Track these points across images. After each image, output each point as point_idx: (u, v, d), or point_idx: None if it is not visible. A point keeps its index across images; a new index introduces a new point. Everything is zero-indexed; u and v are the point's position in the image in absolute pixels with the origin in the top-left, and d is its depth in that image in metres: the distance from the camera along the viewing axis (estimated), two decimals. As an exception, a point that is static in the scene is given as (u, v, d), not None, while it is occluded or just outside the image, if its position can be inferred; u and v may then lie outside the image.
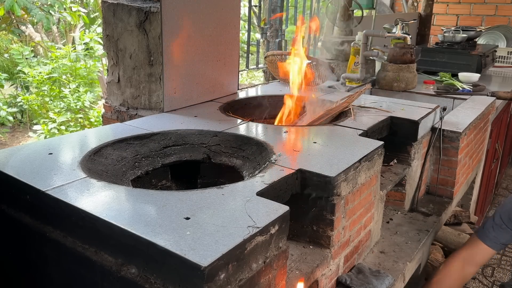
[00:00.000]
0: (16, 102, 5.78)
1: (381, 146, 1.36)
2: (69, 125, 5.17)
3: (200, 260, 0.73)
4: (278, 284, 0.92)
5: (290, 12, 4.37)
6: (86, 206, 0.90)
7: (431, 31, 4.31)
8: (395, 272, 1.37)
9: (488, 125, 2.44)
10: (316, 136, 1.43)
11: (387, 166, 1.67)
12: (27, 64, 5.52)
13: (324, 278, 1.18)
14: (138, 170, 1.27)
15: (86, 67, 5.66)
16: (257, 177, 1.08)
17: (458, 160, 1.88)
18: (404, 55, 2.51)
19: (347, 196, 1.19)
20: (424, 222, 1.71)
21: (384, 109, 1.77)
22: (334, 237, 1.18)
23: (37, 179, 1.02)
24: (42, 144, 1.26)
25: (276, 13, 2.79)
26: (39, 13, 5.03)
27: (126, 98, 1.78)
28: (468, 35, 3.30)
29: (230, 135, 1.41)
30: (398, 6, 4.79)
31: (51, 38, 7.03)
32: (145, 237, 0.79)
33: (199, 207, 0.91)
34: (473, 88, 2.61)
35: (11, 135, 5.99)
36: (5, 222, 1.09)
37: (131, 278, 0.83)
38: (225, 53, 1.92)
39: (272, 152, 1.24)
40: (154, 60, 1.65)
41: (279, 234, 0.89)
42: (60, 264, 0.99)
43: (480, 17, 4.44)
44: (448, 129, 1.86)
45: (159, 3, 1.58)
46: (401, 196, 1.75)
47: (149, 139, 1.37)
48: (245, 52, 2.90)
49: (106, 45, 1.79)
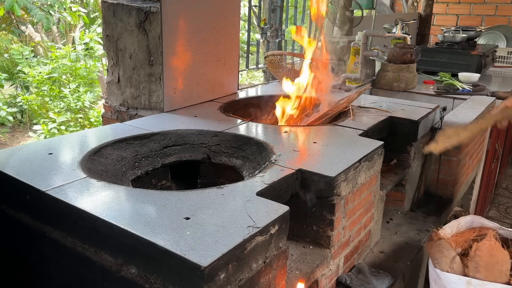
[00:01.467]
0: (16, 102, 5.78)
1: (381, 146, 1.36)
2: (69, 125, 5.17)
3: (200, 260, 0.73)
4: (278, 284, 0.92)
5: (290, 12, 4.36)
6: (86, 206, 0.90)
7: (431, 31, 4.30)
8: (395, 272, 1.37)
9: (488, 125, 2.44)
10: (316, 136, 1.43)
11: (387, 166, 1.67)
12: (27, 64, 5.52)
13: (324, 278, 1.18)
14: (138, 170, 1.27)
15: (86, 67, 5.66)
16: (257, 177, 1.07)
17: (458, 160, 1.88)
18: (404, 55, 2.51)
19: (347, 196, 1.19)
20: (424, 222, 1.71)
21: (384, 109, 1.77)
22: (334, 237, 1.18)
23: (37, 179, 1.02)
24: (42, 144, 1.26)
25: (276, 13, 2.79)
26: (39, 13, 5.03)
27: (126, 98, 1.78)
28: (468, 35, 3.30)
29: (230, 135, 1.41)
30: (398, 6, 4.79)
31: (51, 38, 7.03)
32: (145, 237, 0.79)
33: (199, 207, 0.91)
34: (473, 88, 2.60)
35: (11, 135, 5.99)
36: (5, 222, 1.09)
37: (131, 278, 0.83)
38: (225, 53, 1.92)
39: (272, 152, 1.24)
40: (154, 60, 1.65)
41: (279, 234, 0.89)
42: (60, 264, 0.99)
43: (480, 17, 4.44)
44: (448, 129, 1.86)
45: (159, 3, 1.58)
46: (401, 196, 1.75)
47: (149, 139, 1.37)
48: (245, 52, 2.90)
49: (106, 45, 1.79)
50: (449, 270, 1.18)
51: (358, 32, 2.58)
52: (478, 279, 1.15)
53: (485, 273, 1.15)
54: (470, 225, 1.39)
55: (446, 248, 1.20)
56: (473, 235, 1.29)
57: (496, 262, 1.15)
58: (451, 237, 1.31)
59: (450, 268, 1.18)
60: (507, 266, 1.15)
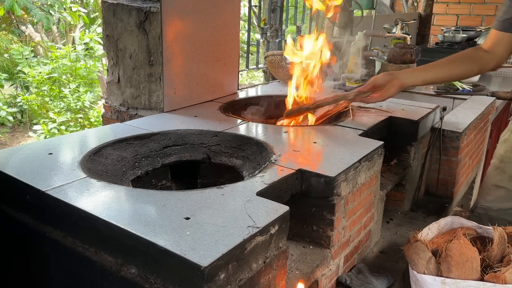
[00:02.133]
0: (16, 102, 5.79)
1: (381, 146, 1.36)
2: (69, 125, 5.18)
3: (200, 260, 0.73)
4: (278, 284, 0.92)
5: (290, 12, 4.37)
6: (86, 206, 0.90)
7: (431, 31, 4.30)
8: (395, 272, 1.37)
9: (488, 125, 2.44)
10: (316, 136, 1.43)
11: (387, 166, 1.67)
12: (27, 64, 5.52)
13: (324, 278, 1.18)
14: (138, 170, 1.27)
15: (86, 67, 5.67)
16: (257, 177, 1.08)
17: (458, 160, 1.88)
18: (404, 55, 2.51)
19: (347, 196, 1.19)
20: (424, 222, 1.71)
21: (384, 109, 1.77)
22: (334, 237, 1.18)
23: (37, 179, 1.02)
24: (42, 144, 1.26)
25: (276, 13, 2.79)
26: (39, 13, 5.03)
27: (126, 98, 1.78)
28: (468, 35, 3.30)
29: (230, 135, 1.41)
30: (398, 6, 4.79)
31: (51, 38, 7.03)
32: (145, 237, 0.79)
33: (199, 207, 0.91)
34: (473, 88, 2.60)
35: (11, 135, 5.99)
36: (5, 222, 1.09)
37: (131, 278, 0.83)
38: (225, 53, 1.93)
39: (272, 152, 1.24)
40: (154, 60, 1.65)
41: (279, 234, 0.89)
42: (60, 264, 0.99)
43: (480, 17, 4.44)
44: (448, 129, 1.86)
45: (159, 3, 1.59)
46: (401, 196, 1.75)
47: (149, 139, 1.37)
48: (245, 52, 2.90)
49: (106, 45, 1.79)
50: (426, 272, 1.19)
51: (358, 32, 2.59)
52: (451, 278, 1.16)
53: (457, 272, 1.16)
54: (450, 226, 1.39)
55: (422, 249, 1.21)
56: (453, 235, 1.30)
57: (466, 260, 1.16)
58: (431, 239, 1.31)
59: (426, 269, 1.19)
60: (477, 262, 1.16)
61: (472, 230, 1.37)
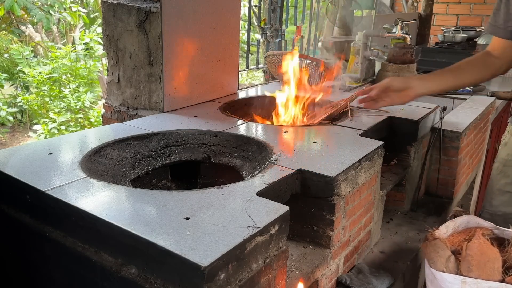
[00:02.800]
0: (16, 102, 5.79)
1: (381, 146, 1.36)
2: (69, 125, 5.18)
3: (200, 260, 0.73)
4: (278, 284, 0.92)
5: (290, 12, 4.37)
6: (86, 206, 0.90)
7: (431, 31, 4.30)
8: (395, 272, 1.37)
9: (488, 125, 2.44)
10: (316, 136, 1.43)
11: (387, 166, 1.67)
12: (27, 64, 5.52)
13: (324, 278, 1.18)
14: (138, 170, 1.27)
15: (86, 67, 5.67)
16: (257, 177, 1.08)
17: (458, 160, 1.88)
18: (404, 55, 2.51)
19: (347, 196, 1.19)
20: (424, 222, 1.71)
21: (384, 109, 1.77)
22: (334, 237, 1.18)
23: (37, 179, 1.02)
24: (42, 144, 1.26)
25: (276, 13, 2.80)
26: (39, 13, 5.03)
27: (126, 98, 1.78)
28: (468, 35, 3.29)
29: (230, 135, 1.41)
30: (398, 6, 4.79)
31: (51, 38, 7.03)
32: (145, 237, 0.79)
33: (199, 207, 0.91)
34: (473, 88, 2.60)
35: (11, 135, 5.99)
36: (5, 222, 1.09)
37: (131, 278, 0.83)
38: (225, 53, 1.92)
39: (272, 152, 1.24)
40: (154, 60, 1.65)
41: (279, 234, 0.89)
42: (60, 264, 0.99)
43: (480, 17, 4.44)
44: (448, 129, 1.86)
45: (159, 3, 1.59)
46: (401, 196, 1.75)
47: (149, 139, 1.37)
48: (245, 52, 2.90)
49: (106, 45, 1.79)
50: (445, 270, 1.18)
51: (358, 32, 2.59)
52: (472, 277, 1.15)
53: (477, 271, 1.15)
54: (466, 225, 1.39)
55: (441, 248, 1.20)
56: (469, 235, 1.29)
57: (487, 260, 1.15)
58: (447, 238, 1.31)
59: (445, 267, 1.18)
60: (499, 263, 1.15)
61: (489, 231, 1.35)
